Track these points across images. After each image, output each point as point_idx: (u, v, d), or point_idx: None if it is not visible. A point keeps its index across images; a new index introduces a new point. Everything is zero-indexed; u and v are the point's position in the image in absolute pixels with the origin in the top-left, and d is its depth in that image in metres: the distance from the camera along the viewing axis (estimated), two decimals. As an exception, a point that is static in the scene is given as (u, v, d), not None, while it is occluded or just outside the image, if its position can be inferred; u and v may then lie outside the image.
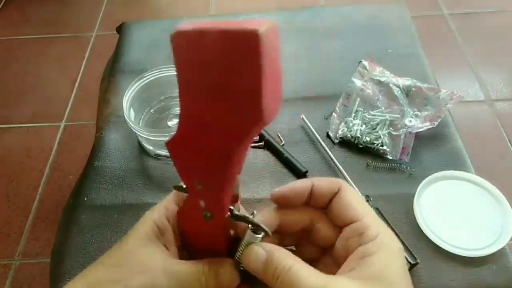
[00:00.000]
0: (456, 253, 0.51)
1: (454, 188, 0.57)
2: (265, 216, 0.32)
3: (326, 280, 0.27)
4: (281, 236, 0.33)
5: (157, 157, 0.64)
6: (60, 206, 1.26)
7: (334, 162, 0.61)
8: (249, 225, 0.30)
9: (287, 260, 0.28)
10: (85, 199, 0.60)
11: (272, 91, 0.24)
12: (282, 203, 0.33)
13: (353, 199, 0.31)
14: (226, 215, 0.30)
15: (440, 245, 0.52)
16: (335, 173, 0.61)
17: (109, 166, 0.63)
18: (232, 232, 0.32)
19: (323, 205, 0.32)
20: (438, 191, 0.57)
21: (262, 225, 0.30)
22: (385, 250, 0.28)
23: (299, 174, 0.60)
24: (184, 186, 0.31)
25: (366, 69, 0.71)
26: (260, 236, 0.30)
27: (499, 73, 1.48)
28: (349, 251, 0.30)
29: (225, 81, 0.23)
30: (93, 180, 0.62)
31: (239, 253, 0.31)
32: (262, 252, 0.29)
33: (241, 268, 0.31)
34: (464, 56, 1.53)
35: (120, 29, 0.85)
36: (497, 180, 0.57)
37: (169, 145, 0.28)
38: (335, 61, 0.75)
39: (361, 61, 0.71)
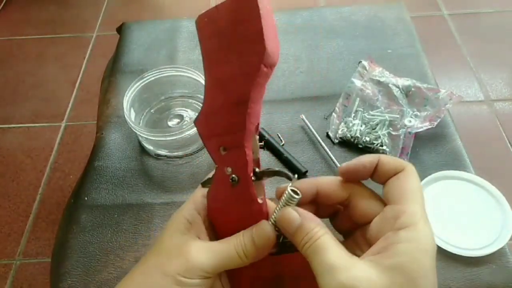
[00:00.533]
0: (456, 253, 0.51)
1: (453, 188, 0.57)
2: (302, 186, 0.32)
3: (347, 261, 0.27)
4: (316, 207, 0.34)
5: (157, 157, 0.64)
6: (60, 206, 1.27)
7: (334, 162, 0.61)
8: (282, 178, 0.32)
9: (318, 230, 0.29)
10: (86, 199, 0.60)
11: (271, 37, 0.29)
12: (349, 176, 0.33)
13: (410, 184, 0.30)
14: (251, 174, 0.32)
15: (440, 245, 0.52)
16: (335, 173, 0.61)
17: (110, 166, 0.63)
18: (260, 199, 0.33)
19: (383, 182, 0.32)
20: (438, 191, 0.57)
21: (288, 172, 0.32)
22: (416, 243, 0.27)
23: (299, 174, 0.60)
24: (210, 177, 0.34)
25: (366, 69, 0.71)
26: (298, 197, 0.31)
27: (498, 73, 1.48)
28: (382, 232, 0.29)
29: (235, 37, 0.30)
30: (93, 180, 0.62)
31: (274, 216, 0.32)
32: (297, 216, 0.30)
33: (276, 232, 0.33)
34: (464, 56, 1.53)
35: (120, 29, 0.86)
36: (496, 180, 0.57)
37: (196, 122, 0.33)
38: (335, 61, 0.75)
39: (361, 61, 0.72)
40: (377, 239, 0.29)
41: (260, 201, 0.32)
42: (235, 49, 0.30)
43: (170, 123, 0.67)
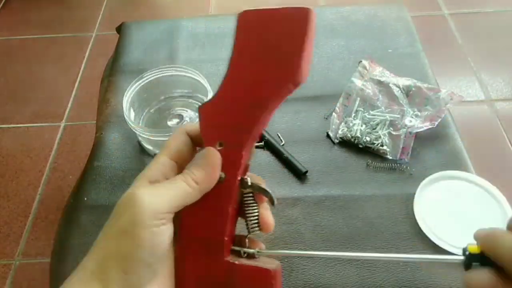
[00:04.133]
0: (456, 253, 0.51)
1: (454, 188, 0.57)
2: None
3: None
4: None
5: (157, 157, 0.64)
6: (60, 206, 1.26)
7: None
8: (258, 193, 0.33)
9: None
10: (85, 199, 0.60)
11: (307, 58, 0.31)
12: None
13: None
14: (239, 178, 0.32)
15: (440, 245, 0.52)
16: (335, 173, 0.61)
17: (109, 166, 0.63)
18: (235, 205, 0.33)
19: None
20: (438, 191, 0.57)
21: (271, 192, 0.32)
22: None
23: (299, 174, 0.60)
24: None
25: (366, 69, 0.71)
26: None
27: (499, 73, 1.48)
28: None
29: (276, 46, 0.31)
30: (93, 180, 0.62)
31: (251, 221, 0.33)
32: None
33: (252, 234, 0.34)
34: (465, 56, 1.53)
35: (120, 29, 0.85)
36: (497, 180, 0.57)
37: (202, 107, 0.33)
38: (335, 61, 0.75)
39: (361, 61, 0.71)
40: None
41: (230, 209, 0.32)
42: (271, 58, 0.31)
43: (169, 123, 0.67)
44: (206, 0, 1.79)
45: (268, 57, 0.31)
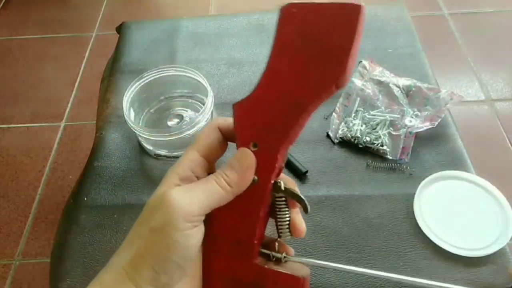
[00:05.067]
0: (456, 253, 0.51)
1: (454, 188, 0.57)
2: None
3: None
4: None
5: (157, 157, 0.64)
6: (60, 206, 1.26)
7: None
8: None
9: None
10: (85, 199, 0.60)
11: (353, 56, 0.29)
12: None
13: None
14: (272, 182, 0.31)
15: (440, 245, 0.52)
16: (335, 173, 0.61)
17: (109, 166, 0.63)
18: (266, 208, 0.32)
19: None
20: (438, 191, 0.57)
21: (305, 200, 0.31)
22: None
23: (299, 174, 0.60)
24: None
25: (366, 69, 0.71)
26: None
27: (499, 73, 1.48)
28: None
29: (321, 43, 0.29)
30: (93, 180, 0.62)
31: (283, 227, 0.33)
32: None
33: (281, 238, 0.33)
34: (464, 56, 1.53)
35: (120, 29, 0.85)
36: (497, 180, 0.57)
37: (237, 105, 0.31)
38: (335, 61, 0.75)
39: (361, 61, 0.71)
40: None
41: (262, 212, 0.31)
42: (315, 56, 0.29)
43: (169, 123, 0.67)
44: (206, 0, 1.79)
45: (311, 55, 0.29)
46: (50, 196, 1.25)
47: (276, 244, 0.33)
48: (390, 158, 0.61)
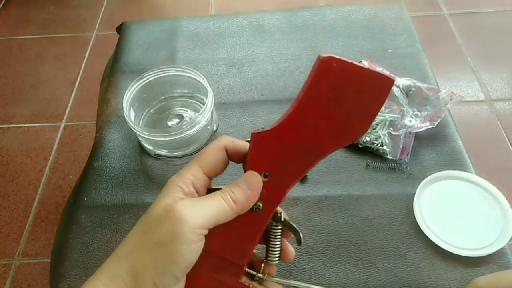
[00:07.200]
0: (456, 253, 0.51)
1: (454, 188, 0.57)
2: None
3: None
4: None
5: (157, 157, 0.64)
6: (60, 206, 1.27)
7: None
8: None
9: None
10: (85, 199, 0.60)
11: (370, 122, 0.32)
12: None
13: None
14: (274, 212, 0.33)
15: (440, 245, 0.52)
16: (335, 173, 0.61)
17: (109, 166, 0.63)
18: (263, 235, 0.34)
19: None
20: (438, 191, 0.57)
21: (300, 232, 0.33)
22: None
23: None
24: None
25: (366, 69, 0.71)
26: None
27: (499, 73, 1.48)
28: None
29: (352, 101, 0.31)
30: (93, 180, 0.62)
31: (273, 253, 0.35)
32: None
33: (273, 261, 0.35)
34: (464, 56, 1.53)
35: (120, 29, 0.85)
36: (497, 180, 0.57)
37: (256, 135, 0.33)
38: (335, 61, 0.75)
39: (361, 61, 0.71)
40: None
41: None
42: (343, 112, 0.31)
43: (169, 123, 0.67)
44: (206, 0, 1.79)
45: (340, 110, 0.31)
46: (50, 196, 1.25)
47: (262, 264, 0.35)
48: (390, 158, 0.61)
